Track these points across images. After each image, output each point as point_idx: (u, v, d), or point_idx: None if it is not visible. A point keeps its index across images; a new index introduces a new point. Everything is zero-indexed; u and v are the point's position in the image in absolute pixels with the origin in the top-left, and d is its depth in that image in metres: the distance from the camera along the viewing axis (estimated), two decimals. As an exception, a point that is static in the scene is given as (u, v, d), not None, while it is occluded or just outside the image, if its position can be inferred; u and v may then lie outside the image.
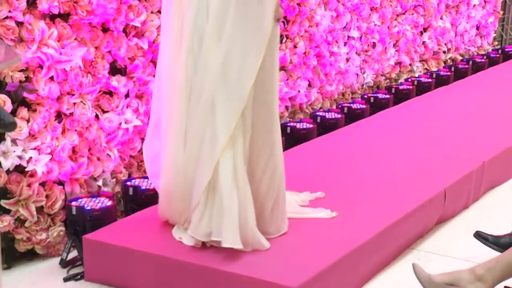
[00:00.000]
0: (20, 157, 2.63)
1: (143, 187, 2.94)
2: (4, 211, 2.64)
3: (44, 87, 2.68)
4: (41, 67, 2.69)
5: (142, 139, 3.22)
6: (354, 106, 4.43)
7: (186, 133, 2.51)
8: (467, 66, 5.89)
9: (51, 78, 2.73)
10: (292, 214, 2.70)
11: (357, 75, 4.93)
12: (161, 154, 2.65)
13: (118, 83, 3.02)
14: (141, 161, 3.24)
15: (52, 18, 2.74)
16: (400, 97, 4.90)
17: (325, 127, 4.08)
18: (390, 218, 2.75)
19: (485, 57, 6.26)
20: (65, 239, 2.80)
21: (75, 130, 2.86)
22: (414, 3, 5.44)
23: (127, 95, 3.09)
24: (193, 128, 2.48)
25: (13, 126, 1.56)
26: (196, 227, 2.45)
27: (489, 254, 2.51)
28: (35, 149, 2.68)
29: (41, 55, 2.65)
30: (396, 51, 5.32)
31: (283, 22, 4.10)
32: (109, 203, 2.76)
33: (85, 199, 2.78)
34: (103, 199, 2.80)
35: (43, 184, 2.73)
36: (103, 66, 2.93)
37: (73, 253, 2.71)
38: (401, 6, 5.27)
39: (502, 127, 4.12)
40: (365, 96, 4.76)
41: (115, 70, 3.05)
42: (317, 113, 4.22)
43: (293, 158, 3.39)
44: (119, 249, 2.52)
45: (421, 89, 5.17)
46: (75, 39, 2.79)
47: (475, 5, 6.37)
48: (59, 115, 2.82)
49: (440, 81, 5.43)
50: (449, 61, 6.16)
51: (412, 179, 3.21)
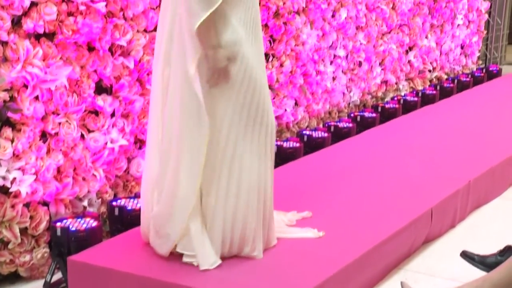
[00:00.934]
0: (3, 178, 2.60)
1: (129, 207, 2.91)
2: (-13, 233, 2.60)
3: (29, 107, 2.66)
4: (26, 86, 2.67)
5: (128, 159, 3.20)
6: (340, 124, 4.44)
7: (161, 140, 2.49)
8: (452, 84, 5.93)
9: (36, 97, 2.71)
10: (279, 234, 2.69)
11: (344, 93, 4.95)
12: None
13: (103, 102, 3.00)
14: (127, 181, 3.23)
15: (37, 37, 2.72)
16: (386, 115, 4.92)
17: (311, 146, 4.08)
18: (377, 237, 2.74)
19: (470, 76, 6.31)
20: (49, 261, 2.76)
21: (60, 150, 2.83)
22: (399, 22, 5.49)
23: (113, 114, 3.08)
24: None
25: None
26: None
27: (476, 273, 2.50)
28: (19, 169, 2.65)
29: (26, 75, 2.63)
30: (382, 69, 5.35)
31: (269, 41, 4.12)
32: (95, 224, 2.73)
33: (70, 220, 2.75)
34: (88, 219, 2.77)
35: (27, 205, 2.70)
36: (88, 85, 2.92)
37: (58, 275, 2.67)
38: (387, 25, 5.31)
39: (487, 146, 4.14)
40: (352, 114, 4.77)
41: (100, 89, 3.04)
42: (304, 132, 4.22)
43: (279, 177, 3.38)
44: (104, 270, 2.48)
45: (407, 107, 5.20)
46: (61, 58, 2.78)
47: (459, 25, 6.44)
48: (44, 135, 2.80)
49: (426, 99, 5.47)
50: (434, 79, 6.20)
51: (398, 198, 3.21)
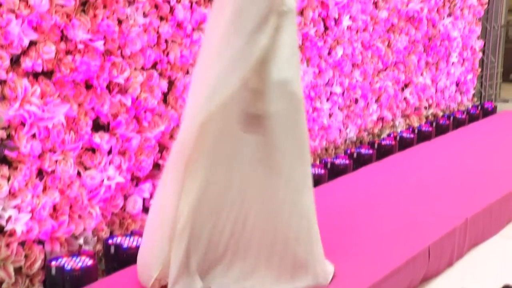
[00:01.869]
0: (-1, 216, 2.59)
1: (125, 245, 2.90)
2: (-19, 271, 2.58)
3: (26, 145, 2.66)
4: (23, 124, 2.67)
5: (124, 196, 3.19)
6: (337, 161, 4.44)
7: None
8: (448, 121, 5.96)
9: (33, 135, 2.71)
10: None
11: (340, 130, 4.96)
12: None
13: (100, 139, 3.00)
14: (123, 218, 3.21)
15: (35, 75, 2.74)
16: (383, 152, 4.93)
17: (308, 183, 4.07)
18: (373, 276, 2.72)
19: (465, 113, 6.35)
20: (43, 300, 2.73)
21: (57, 187, 2.82)
22: (394, 60, 5.54)
23: (109, 152, 3.08)
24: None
25: None
26: None
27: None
28: (15, 207, 2.64)
29: (23, 113, 2.64)
30: (378, 106, 5.38)
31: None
32: (90, 262, 2.71)
33: (65, 259, 2.72)
34: (83, 258, 2.75)
35: (22, 243, 2.68)
36: (86, 122, 2.92)
37: (52, 315, 2.65)
38: (382, 62, 5.36)
39: (484, 183, 4.14)
40: (348, 151, 4.78)
41: (98, 126, 3.04)
42: (301, 169, 4.21)
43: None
44: (99, 310, 2.46)
45: (404, 144, 5.21)
46: (58, 96, 2.79)
47: (454, 63, 6.50)
48: (41, 173, 2.80)
49: (422, 136, 5.49)
50: (430, 116, 6.23)
51: (395, 236, 3.19)
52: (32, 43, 2.68)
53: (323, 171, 4.20)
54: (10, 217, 2.61)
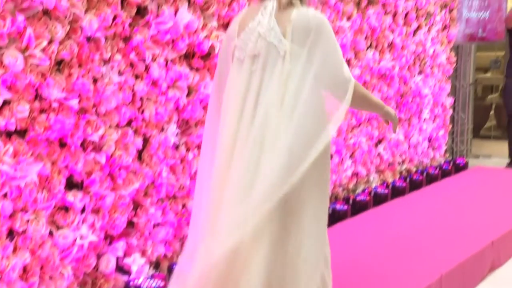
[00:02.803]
0: (-33, 277, 2.53)
1: (97, 307, 2.84)
2: None
3: (-3, 204, 2.63)
4: (-6, 183, 2.64)
5: (97, 255, 3.14)
6: (312, 218, 4.42)
7: None
8: (421, 177, 6.02)
9: (5, 194, 2.68)
10: None
11: (315, 186, 4.97)
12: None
13: (74, 198, 2.97)
14: (96, 278, 3.15)
15: (8, 134, 2.72)
16: (357, 208, 4.94)
17: (283, 240, 4.05)
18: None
19: (438, 169, 6.43)
20: None
21: (28, 248, 2.77)
22: (368, 116, 5.62)
23: (83, 210, 3.04)
24: None
25: None
26: None
27: None
28: (-16, 268, 2.58)
29: (-5, 172, 2.61)
30: (352, 162, 5.42)
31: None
32: (60, 325, 2.65)
33: (34, 321, 2.66)
34: (53, 320, 2.69)
35: (-10, 305, 2.62)
36: (59, 181, 2.89)
37: None
38: (356, 118, 5.43)
39: (458, 240, 4.16)
40: (323, 207, 4.78)
41: (71, 184, 3.02)
42: (276, 226, 4.19)
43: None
44: None
45: (378, 200, 5.24)
46: (31, 155, 2.76)
47: (425, 119, 6.61)
48: (11, 233, 2.75)
49: (396, 192, 5.53)
50: (404, 172, 6.29)
51: (371, 294, 3.18)
52: (5, 102, 2.67)
53: (298, 228, 4.18)
54: (-22, 278, 2.55)
